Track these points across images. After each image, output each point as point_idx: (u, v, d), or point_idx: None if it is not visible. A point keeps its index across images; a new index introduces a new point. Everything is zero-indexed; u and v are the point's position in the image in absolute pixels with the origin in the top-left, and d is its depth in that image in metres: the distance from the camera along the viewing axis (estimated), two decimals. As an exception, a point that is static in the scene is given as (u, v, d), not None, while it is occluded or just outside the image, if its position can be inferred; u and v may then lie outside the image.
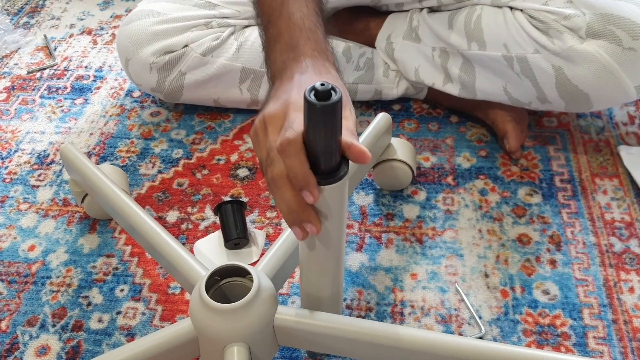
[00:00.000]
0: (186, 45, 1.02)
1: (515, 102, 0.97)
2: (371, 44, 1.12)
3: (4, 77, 1.25)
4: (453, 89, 1.01)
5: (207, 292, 0.63)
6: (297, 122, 0.53)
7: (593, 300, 0.82)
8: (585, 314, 0.80)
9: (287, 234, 0.74)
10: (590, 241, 0.89)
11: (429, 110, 1.12)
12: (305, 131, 0.51)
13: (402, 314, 0.82)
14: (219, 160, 1.05)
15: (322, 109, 0.48)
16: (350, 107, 0.61)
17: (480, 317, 0.81)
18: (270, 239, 0.92)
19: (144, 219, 0.77)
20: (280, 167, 0.54)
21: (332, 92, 0.48)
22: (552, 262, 0.86)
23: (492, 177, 0.99)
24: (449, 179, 0.99)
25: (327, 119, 0.49)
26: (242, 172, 1.02)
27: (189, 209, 0.97)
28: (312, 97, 0.48)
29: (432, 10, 1.03)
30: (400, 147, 0.94)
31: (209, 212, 0.96)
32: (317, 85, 0.48)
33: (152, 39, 1.02)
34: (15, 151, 1.08)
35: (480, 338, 0.78)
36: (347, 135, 0.54)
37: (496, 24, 0.91)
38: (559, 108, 0.93)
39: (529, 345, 0.77)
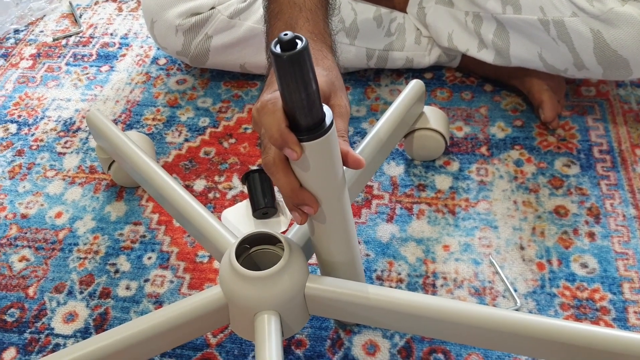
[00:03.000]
0: (213, 7, 1.00)
1: (550, 68, 0.93)
2: (403, 9, 1.08)
3: (30, 45, 1.24)
4: (488, 56, 0.97)
5: (236, 259, 0.62)
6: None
7: (634, 274, 0.79)
8: (626, 288, 0.78)
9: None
10: (630, 214, 0.86)
11: (462, 79, 1.09)
12: (279, 88, 0.49)
13: (434, 285, 0.80)
14: (246, 129, 1.03)
15: (289, 60, 0.46)
16: (344, 96, 0.60)
17: (515, 290, 0.78)
18: (298, 209, 0.90)
19: (172, 186, 0.76)
20: (271, 153, 0.54)
21: (297, 40, 0.46)
22: (591, 235, 0.84)
23: (528, 147, 0.96)
24: (483, 149, 0.96)
25: (296, 70, 0.47)
26: (270, 141, 1.00)
27: (216, 178, 0.95)
28: (277, 49, 0.46)
29: (467, -27, 0.99)
30: (434, 116, 0.91)
31: (236, 181, 0.95)
32: (281, 35, 0.46)
33: (178, 0, 0.99)
34: (42, 118, 1.07)
35: (516, 311, 0.75)
36: (340, 143, 0.55)
37: None
38: (596, 75, 0.89)
39: (566, 319, 0.75)
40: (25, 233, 0.89)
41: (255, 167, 0.96)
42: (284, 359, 0.64)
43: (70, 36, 1.26)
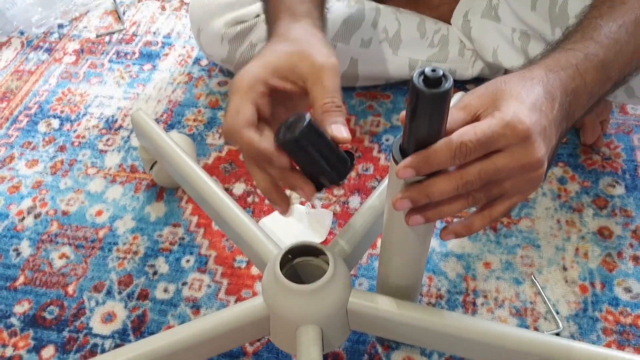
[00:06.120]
0: (258, 15, 1.00)
1: (599, 91, 0.91)
2: (447, 20, 1.07)
3: (73, 40, 1.25)
4: (535, 73, 0.96)
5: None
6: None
7: (679, 302, 0.77)
8: (671, 316, 0.76)
9: (361, 214, 0.72)
10: (677, 239, 0.84)
11: (505, 92, 1.07)
12: (409, 117, 0.48)
13: (474, 304, 0.79)
14: (285, 133, 1.03)
15: (431, 97, 0.44)
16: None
17: (557, 312, 0.77)
18: (337, 217, 0.90)
19: (214, 190, 0.76)
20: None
21: (443, 79, 0.44)
22: (635, 259, 0.82)
23: (572, 165, 0.94)
24: (526, 165, 0.95)
25: (435, 108, 0.46)
26: (310, 147, 1.00)
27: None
28: (420, 83, 0.44)
29: (515, -13, 0.97)
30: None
31: (275, 186, 0.94)
32: (427, 70, 0.44)
33: (224, 8, 1.00)
34: (84, 115, 1.08)
35: (557, 334, 0.74)
36: None
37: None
38: (647, 102, 0.87)
39: (608, 345, 0.73)
40: (66, 230, 0.90)
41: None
42: (323, 372, 0.63)
43: (114, 33, 1.27)
